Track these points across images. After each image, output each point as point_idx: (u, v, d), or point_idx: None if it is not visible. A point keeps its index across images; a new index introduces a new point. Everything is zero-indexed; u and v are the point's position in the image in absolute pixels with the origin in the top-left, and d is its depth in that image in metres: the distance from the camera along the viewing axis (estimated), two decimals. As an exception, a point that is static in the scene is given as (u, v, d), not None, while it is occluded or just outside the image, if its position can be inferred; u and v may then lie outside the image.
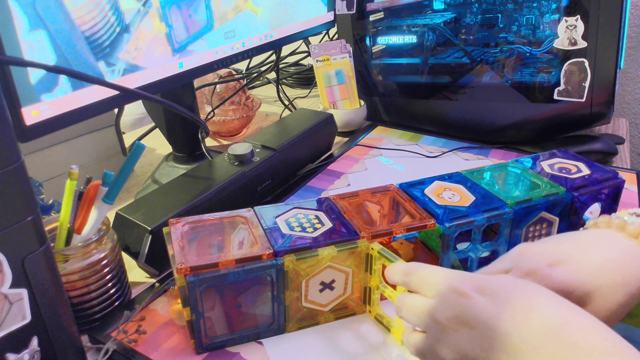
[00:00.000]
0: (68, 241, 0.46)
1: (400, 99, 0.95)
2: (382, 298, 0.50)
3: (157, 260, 0.54)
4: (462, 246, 0.53)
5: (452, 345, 0.31)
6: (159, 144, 0.89)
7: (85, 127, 0.72)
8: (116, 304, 0.50)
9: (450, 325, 0.32)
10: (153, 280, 0.55)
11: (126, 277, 0.52)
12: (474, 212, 0.51)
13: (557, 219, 0.54)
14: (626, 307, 0.37)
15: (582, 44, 0.77)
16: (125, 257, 0.54)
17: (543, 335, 0.28)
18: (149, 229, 0.53)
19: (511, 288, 0.32)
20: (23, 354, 0.36)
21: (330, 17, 0.92)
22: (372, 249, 0.46)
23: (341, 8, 0.94)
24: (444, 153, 0.84)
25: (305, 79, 1.24)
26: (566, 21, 0.77)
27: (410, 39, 0.93)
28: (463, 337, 0.31)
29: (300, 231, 0.48)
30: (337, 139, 0.91)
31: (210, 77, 0.92)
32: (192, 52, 0.63)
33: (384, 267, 0.45)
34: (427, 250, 0.58)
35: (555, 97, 0.81)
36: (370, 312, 0.50)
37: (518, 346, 0.28)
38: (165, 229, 0.49)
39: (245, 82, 0.95)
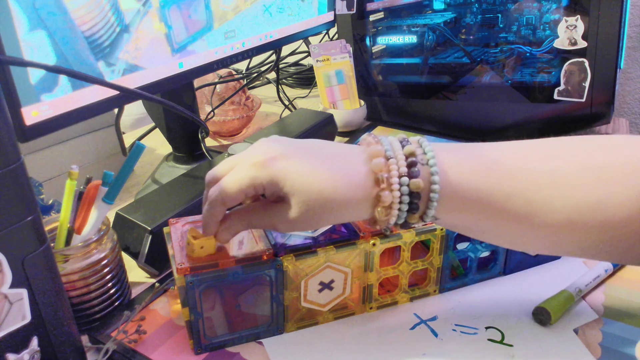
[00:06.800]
0: (68, 241, 0.46)
1: (400, 99, 0.95)
2: (380, 292, 0.50)
3: (157, 260, 0.54)
4: (461, 246, 0.53)
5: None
6: (159, 144, 0.89)
7: (85, 127, 0.72)
8: (116, 304, 0.50)
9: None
10: (153, 280, 0.55)
11: (126, 277, 0.52)
12: (473, 212, 0.51)
13: (556, 219, 0.54)
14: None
15: (582, 44, 0.77)
16: (125, 257, 0.54)
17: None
18: (149, 229, 0.53)
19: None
20: (23, 354, 0.36)
21: (330, 17, 0.92)
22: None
23: (341, 8, 0.94)
24: (444, 153, 0.84)
25: (305, 79, 1.24)
26: (566, 21, 0.77)
27: (410, 39, 0.93)
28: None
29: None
30: (337, 139, 0.91)
31: (210, 77, 0.92)
32: (192, 52, 0.63)
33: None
34: (426, 250, 0.58)
35: (556, 97, 0.81)
36: (371, 308, 0.50)
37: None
38: (165, 229, 0.49)
39: (245, 82, 0.95)
